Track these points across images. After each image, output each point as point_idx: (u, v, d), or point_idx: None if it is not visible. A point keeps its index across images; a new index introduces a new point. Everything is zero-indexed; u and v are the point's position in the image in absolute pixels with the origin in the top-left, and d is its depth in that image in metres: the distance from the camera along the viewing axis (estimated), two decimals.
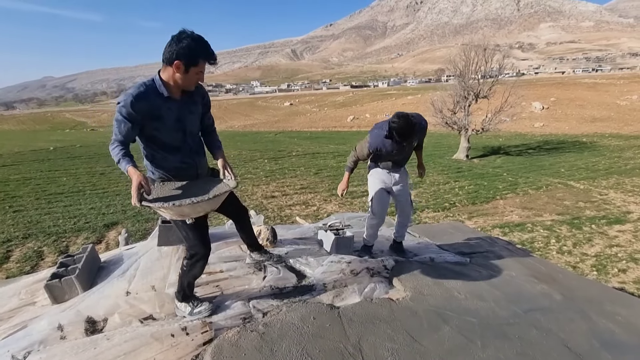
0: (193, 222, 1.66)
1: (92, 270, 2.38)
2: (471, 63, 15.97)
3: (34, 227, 6.94)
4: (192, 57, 1.50)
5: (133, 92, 1.51)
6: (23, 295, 2.25)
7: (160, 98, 1.56)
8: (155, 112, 1.56)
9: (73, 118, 69.92)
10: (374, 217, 2.62)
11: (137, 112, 1.51)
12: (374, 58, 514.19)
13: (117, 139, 1.56)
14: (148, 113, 1.54)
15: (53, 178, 11.23)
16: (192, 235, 1.73)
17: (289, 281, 2.20)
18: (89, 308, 1.89)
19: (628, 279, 5.59)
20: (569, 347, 1.76)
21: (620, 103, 32.76)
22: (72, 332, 1.71)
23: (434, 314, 1.93)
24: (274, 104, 69.77)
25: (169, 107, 1.60)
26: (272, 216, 8.09)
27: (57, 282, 2.08)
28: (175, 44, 1.47)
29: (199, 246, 1.76)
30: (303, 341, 1.65)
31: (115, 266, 2.45)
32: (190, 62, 1.51)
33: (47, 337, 1.67)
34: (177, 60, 1.48)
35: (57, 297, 2.08)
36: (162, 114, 1.58)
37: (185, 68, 1.51)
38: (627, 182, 11.10)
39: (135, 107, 1.50)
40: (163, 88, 1.56)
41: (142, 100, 1.51)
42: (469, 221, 8.11)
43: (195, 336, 1.66)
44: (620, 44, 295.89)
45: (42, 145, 19.33)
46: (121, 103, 1.51)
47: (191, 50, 1.48)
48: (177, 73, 1.52)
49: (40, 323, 1.78)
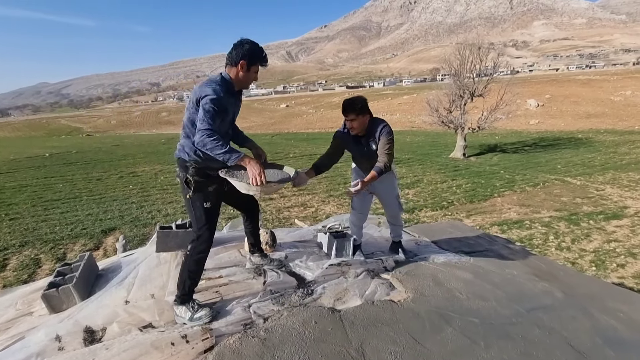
0: (209, 206, 1.85)
1: (89, 278, 2.35)
2: (466, 62, 16.04)
3: (31, 234, 6.87)
4: (253, 58, 1.78)
5: (221, 87, 1.74)
6: (20, 306, 2.22)
7: (229, 92, 1.81)
8: (226, 105, 1.78)
9: (68, 124, 69.51)
10: (353, 212, 2.65)
11: (225, 104, 1.74)
12: (369, 58, 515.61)
13: (213, 129, 1.68)
14: (226, 104, 1.77)
15: (49, 185, 11.14)
16: (205, 218, 1.86)
17: (290, 285, 2.19)
18: (87, 317, 1.86)
19: (627, 274, 5.61)
20: (572, 345, 1.75)
21: (614, 99, 33.02)
22: (70, 342, 1.68)
23: (436, 315, 1.92)
24: (270, 106, 69.73)
25: (232, 101, 1.85)
26: (270, 218, 8.07)
27: (55, 291, 2.05)
28: (240, 47, 1.76)
29: (206, 229, 1.87)
30: (305, 346, 1.63)
31: (113, 274, 2.43)
32: (252, 62, 1.79)
33: (45, 348, 1.64)
34: (242, 61, 1.76)
35: (54, 307, 2.05)
36: (228, 107, 1.82)
37: (248, 67, 1.79)
38: (623, 177, 11.17)
39: (224, 99, 1.73)
40: (233, 83, 1.83)
41: (227, 93, 1.76)
42: (468, 219, 8.12)
43: (195, 344, 1.64)
44: (613, 40, 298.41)
45: (38, 152, 19.18)
46: (214, 96, 1.68)
47: (253, 52, 1.78)
48: (241, 72, 1.79)
49: (38, 334, 1.75)
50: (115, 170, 13.51)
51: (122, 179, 12.08)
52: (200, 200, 1.84)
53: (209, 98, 1.68)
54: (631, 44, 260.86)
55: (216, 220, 1.96)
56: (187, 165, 1.82)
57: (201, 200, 1.84)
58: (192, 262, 1.87)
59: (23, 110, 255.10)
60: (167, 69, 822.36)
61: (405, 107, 40.33)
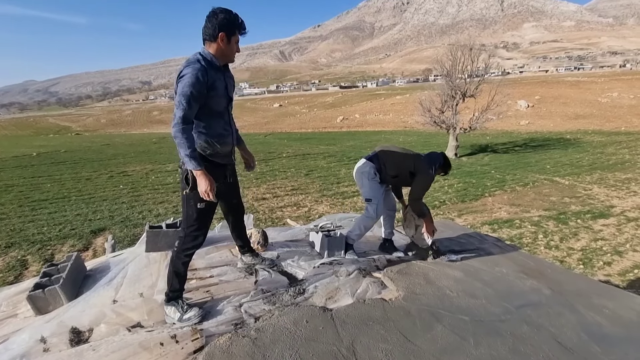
0: (203, 207, 1.79)
1: (77, 279, 2.30)
2: (458, 63, 16.21)
3: (17, 235, 6.73)
4: (231, 27, 1.68)
5: (198, 67, 1.63)
6: (4, 307, 2.17)
7: (213, 69, 1.71)
8: (212, 82, 1.69)
9: (57, 122, 68.22)
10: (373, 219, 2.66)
11: (204, 84, 1.63)
12: (362, 59, 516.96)
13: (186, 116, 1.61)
14: (210, 83, 1.67)
15: (37, 184, 10.92)
16: (196, 217, 1.81)
17: (281, 284, 2.18)
18: (73, 318, 1.82)
19: (613, 272, 5.73)
20: (559, 341, 1.78)
21: (602, 100, 33.72)
22: (56, 343, 1.65)
23: (427, 313, 1.93)
24: (263, 105, 69.46)
25: (219, 77, 1.75)
26: (263, 218, 8.04)
27: (41, 292, 2.01)
28: (214, 18, 1.65)
29: (194, 229, 1.83)
30: (296, 345, 1.62)
31: (101, 274, 2.38)
32: (231, 32, 1.69)
33: (30, 349, 1.60)
34: (221, 33, 1.66)
35: (40, 308, 2.01)
36: (216, 84, 1.71)
37: (228, 39, 1.69)
38: (609, 177, 11.42)
39: (204, 78, 1.63)
40: (215, 60, 1.71)
41: (206, 72, 1.65)
42: (459, 219, 8.21)
43: (185, 344, 1.62)
44: (601, 42, 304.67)
45: (25, 151, 18.78)
46: (192, 78, 1.59)
47: (230, 22, 1.67)
48: (222, 45, 1.69)
49: (22, 336, 1.71)
50: (105, 169, 13.31)
51: (112, 178, 11.90)
52: (195, 199, 1.77)
53: (186, 79, 1.59)
54: (618, 47, 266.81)
55: (208, 223, 1.89)
56: None
57: (196, 200, 1.77)
58: (178, 260, 1.84)
59: (9, 108, 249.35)
60: (159, 67, 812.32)
61: (398, 108, 40.56)
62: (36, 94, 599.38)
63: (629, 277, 5.54)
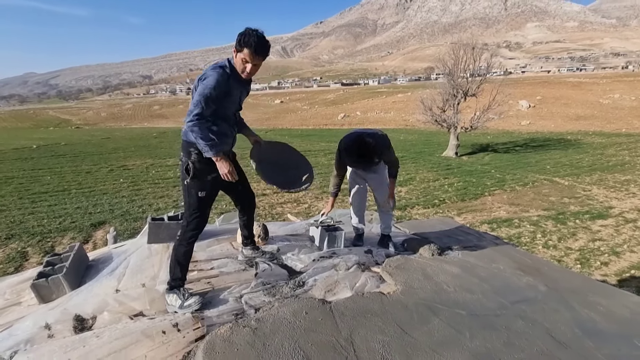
0: (204, 196, 1.88)
1: (80, 268, 2.34)
2: (460, 61, 16.18)
3: (17, 227, 6.76)
4: (239, 43, 1.77)
5: (221, 72, 1.77)
6: (8, 296, 2.20)
7: (236, 78, 1.84)
8: (230, 89, 1.81)
9: (57, 115, 68.05)
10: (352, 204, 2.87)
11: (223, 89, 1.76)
12: (365, 56, 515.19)
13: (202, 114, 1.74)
14: (228, 89, 1.80)
15: (37, 177, 10.94)
16: (198, 206, 1.90)
17: (281, 277, 2.21)
18: (77, 306, 1.85)
19: (610, 272, 5.78)
20: (553, 335, 1.81)
21: (603, 102, 33.68)
22: (61, 330, 1.68)
23: (424, 307, 1.96)
24: (264, 101, 69.30)
25: (237, 86, 1.88)
26: (263, 214, 8.08)
27: (44, 281, 2.04)
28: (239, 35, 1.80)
29: (196, 216, 1.91)
30: (295, 335, 1.66)
31: (104, 265, 2.41)
32: (238, 49, 1.78)
33: (34, 336, 1.64)
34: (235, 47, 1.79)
35: (44, 297, 2.04)
36: (232, 92, 1.85)
37: (235, 54, 1.81)
38: (609, 179, 11.45)
39: (224, 84, 1.76)
40: (235, 70, 1.84)
41: (228, 78, 1.78)
42: (458, 217, 8.24)
43: (187, 333, 1.65)
44: (603, 44, 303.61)
45: (25, 144, 18.78)
46: (211, 80, 1.72)
47: (241, 36, 1.76)
48: (235, 58, 1.83)
49: (26, 322, 1.75)
50: (105, 163, 13.32)
51: (113, 172, 11.92)
52: (196, 188, 1.86)
53: (208, 82, 1.72)
54: (620, 48, 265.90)
55: (208, 210, 1.98)
56: (190, 150, 1.84)
57: (197, 189, 1.86)
58: (181, 248, 1.91)
59: (9, 100, 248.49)
60: (160, 62, 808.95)
61: (400, 106, 40.53)
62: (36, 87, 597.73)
63: (625, 277, 5.59)
